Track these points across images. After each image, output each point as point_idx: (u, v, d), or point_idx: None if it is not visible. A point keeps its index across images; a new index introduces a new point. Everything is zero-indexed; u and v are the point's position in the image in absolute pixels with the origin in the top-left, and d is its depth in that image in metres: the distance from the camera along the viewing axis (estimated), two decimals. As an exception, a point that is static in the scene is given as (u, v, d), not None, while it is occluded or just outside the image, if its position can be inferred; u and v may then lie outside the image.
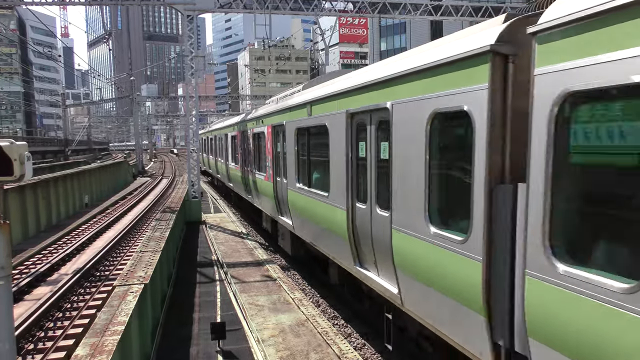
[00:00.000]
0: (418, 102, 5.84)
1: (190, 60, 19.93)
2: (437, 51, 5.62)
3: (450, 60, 5.15)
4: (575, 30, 3.59)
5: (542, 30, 3.88)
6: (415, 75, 5.92)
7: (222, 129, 26.44)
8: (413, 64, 5.96)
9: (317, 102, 9.71)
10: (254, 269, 12.63)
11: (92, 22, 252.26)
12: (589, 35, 3.48)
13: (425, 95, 5.67)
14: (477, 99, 4.73)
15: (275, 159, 13.53)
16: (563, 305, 3.73)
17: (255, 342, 8.00)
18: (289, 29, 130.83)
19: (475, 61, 4.76)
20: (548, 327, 3.90)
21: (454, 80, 5.14)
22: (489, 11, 23.98)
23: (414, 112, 5.93)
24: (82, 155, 68.95)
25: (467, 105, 4.89)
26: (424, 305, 6.05)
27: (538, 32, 3.93)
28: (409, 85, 6.08)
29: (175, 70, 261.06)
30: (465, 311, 5.08)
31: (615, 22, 3.26)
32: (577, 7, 3.54)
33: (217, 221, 20.41)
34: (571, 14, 3.58)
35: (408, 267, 6.23)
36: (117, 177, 36.86)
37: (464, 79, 4.95)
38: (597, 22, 3.39)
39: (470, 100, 4.85)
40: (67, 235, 17.60)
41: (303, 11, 23.05)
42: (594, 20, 3.41)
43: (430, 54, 5.75)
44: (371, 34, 77.27)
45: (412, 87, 6.02)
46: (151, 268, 8.80)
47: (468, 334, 5.15)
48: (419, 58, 5.95)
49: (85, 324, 9.34)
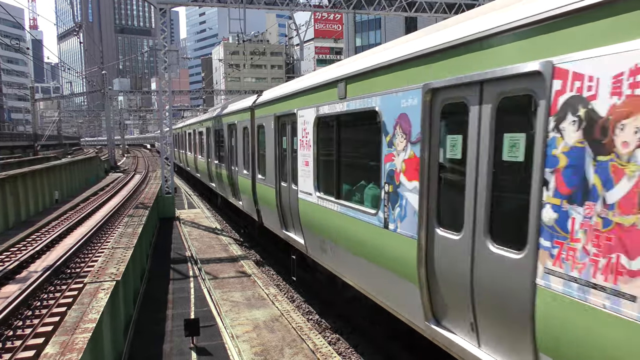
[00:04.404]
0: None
1: (164, 54, 19.66)
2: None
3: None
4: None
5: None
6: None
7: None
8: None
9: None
10: (229, 265, 12.57)
11: (62, 14, 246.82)
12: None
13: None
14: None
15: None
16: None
17: (229, 338, 7.97)
18: (264, 24, 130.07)
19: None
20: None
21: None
22: (462, 8, 24.24)
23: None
24: (52, 150, 67.50)
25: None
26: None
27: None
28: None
29: (148, 64, 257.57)
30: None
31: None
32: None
33: (192, 217, 20.23)
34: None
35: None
36: (89, 172, 36.23)
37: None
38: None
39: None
40: (36, 232, 17.25)
41: (278, 6, 22.96)
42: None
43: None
44: (346, 29, 77.35)
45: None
46: (123, 265, 8.69)
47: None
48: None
49: (55, 322, 9.20)
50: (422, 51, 5.25)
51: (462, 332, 4.96)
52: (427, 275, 5.37)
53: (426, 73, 5.23)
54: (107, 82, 57.36)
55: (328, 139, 8.29)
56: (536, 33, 3.76)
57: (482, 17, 4.53)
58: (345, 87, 7.25)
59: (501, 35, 4.14)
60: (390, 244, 6.01)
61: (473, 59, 4.51)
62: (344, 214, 7.53)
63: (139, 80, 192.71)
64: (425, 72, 5.25)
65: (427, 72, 5.22)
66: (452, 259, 4.94)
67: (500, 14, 4.26)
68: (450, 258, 4.98)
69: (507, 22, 4.05)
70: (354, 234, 7.11)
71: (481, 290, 4.53)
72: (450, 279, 4.99)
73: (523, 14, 3.91)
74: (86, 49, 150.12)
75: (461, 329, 4.97)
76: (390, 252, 6.03)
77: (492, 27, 4.25)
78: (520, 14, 3.95)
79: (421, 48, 5.30)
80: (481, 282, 4.52)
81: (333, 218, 7.98)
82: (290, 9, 23.16)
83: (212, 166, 21.02)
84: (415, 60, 5.43)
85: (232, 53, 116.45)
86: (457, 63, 4.75)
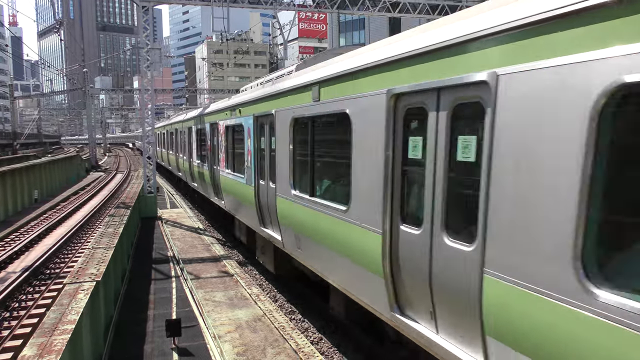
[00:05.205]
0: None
1: (146, 52, 19.49)
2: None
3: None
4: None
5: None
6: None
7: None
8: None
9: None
10: (211, 265, 12.50)
11: (42, 10, 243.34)
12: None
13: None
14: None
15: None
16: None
17: (211, 338, 7.93)
18: (247, 23, 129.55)
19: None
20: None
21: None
22: (445, 9, 24.41)
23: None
24: (31, 149, 66.48)
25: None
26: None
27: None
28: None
29: (130, 63, 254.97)
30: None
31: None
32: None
33: (174, 217, 20.09)
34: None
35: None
36: (69, 171, 35.74)
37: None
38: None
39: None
40: (15, 232, 16.97)
41: (262, 5, 22.88)
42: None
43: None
44: (330, 29, 77.40)
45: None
46: (104, 265, 8.59)
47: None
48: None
49: (33, 324, 9.06)
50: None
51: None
52: (260, 203, 8.03)
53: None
54: (89, 80, 56.64)
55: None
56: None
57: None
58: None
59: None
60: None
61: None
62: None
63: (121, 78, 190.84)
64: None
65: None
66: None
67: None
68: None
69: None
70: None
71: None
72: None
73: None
74: (67, 46, 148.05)
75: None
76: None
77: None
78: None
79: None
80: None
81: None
82: (274, 8, 23.11)
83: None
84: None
85: (216, 52, 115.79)
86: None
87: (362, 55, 6.27)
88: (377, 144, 5.76)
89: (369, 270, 6.12)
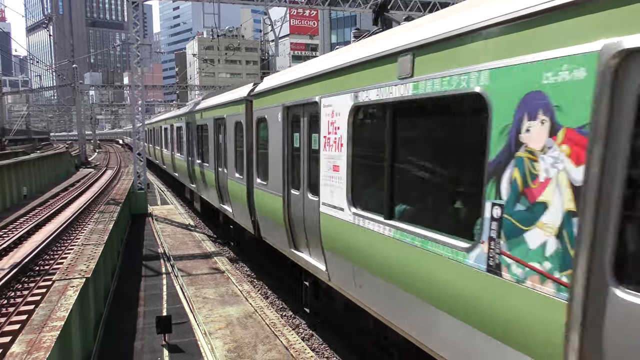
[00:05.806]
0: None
1: (136, 48, 19.36)
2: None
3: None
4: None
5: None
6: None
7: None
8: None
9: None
10: (202, 262, 12.47)
11: (31, 5, 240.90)
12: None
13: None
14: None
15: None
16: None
17: (202, 335, 7.91)
18: (238, 19, 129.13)
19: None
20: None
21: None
22: (437, 6, 24.45)
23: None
24: (20, 145, 65.81)
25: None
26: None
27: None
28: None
29: (120, 59, 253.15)
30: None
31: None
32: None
33: (165, 213, 20.01)
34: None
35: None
36: (59, 168, 35.46)
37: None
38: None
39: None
40: (3, 229, 16.81)
41: (253, 1, 22.79)
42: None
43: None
44: (322, 26, 77.35)
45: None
46: (93, 261, 8.54)
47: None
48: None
49: (22, 321, 8.99)
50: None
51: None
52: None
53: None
54: (78, 76, 56.18)
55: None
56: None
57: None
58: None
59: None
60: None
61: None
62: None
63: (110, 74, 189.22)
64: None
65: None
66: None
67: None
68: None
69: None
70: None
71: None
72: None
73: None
74: (56, 42, 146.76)
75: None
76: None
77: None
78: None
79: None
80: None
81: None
82: (265, 5, 23.01)
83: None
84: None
85: (207, 48, 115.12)
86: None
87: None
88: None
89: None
